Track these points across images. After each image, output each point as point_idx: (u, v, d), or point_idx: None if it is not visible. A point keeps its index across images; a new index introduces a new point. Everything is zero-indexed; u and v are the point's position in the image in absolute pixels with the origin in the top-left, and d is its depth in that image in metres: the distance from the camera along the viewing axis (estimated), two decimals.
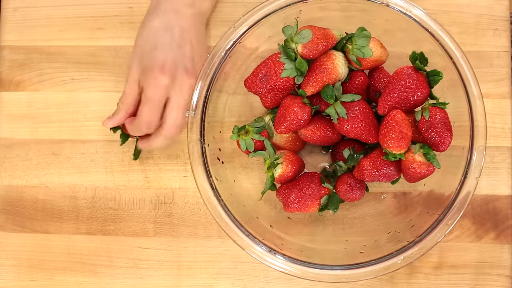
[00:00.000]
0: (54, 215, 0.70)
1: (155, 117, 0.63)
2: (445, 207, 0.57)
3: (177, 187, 0.70)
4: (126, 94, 0.64)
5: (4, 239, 0.71)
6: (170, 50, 0.62)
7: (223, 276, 0.69)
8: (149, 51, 0.63)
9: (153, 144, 0.65)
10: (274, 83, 0.59)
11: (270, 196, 0.65)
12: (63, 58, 0.72)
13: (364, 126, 0.59)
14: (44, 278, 0.70)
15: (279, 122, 0.60)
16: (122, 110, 0.65)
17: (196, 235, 0.69)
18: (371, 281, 0.68)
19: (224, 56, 0.59)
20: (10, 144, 0.72)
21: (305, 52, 0.58)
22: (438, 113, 0.56)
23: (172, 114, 0.62)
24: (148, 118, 0.63)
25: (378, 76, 0.62)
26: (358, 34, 0.58)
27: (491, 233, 0.68)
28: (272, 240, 0.59)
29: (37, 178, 0.71)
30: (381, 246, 0.60)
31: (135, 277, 0.69)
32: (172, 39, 0.63)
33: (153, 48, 0.63)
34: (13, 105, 0.72)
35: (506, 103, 0.69)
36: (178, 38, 0.63)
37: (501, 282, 0.68)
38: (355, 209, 0.67)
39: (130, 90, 0.64)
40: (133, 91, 0.64)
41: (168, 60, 0.62)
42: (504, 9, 0.71)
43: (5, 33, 0.73)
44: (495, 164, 0.69)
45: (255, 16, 0.59)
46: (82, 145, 0.71)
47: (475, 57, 0.69)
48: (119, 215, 0.70)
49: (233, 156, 0.66)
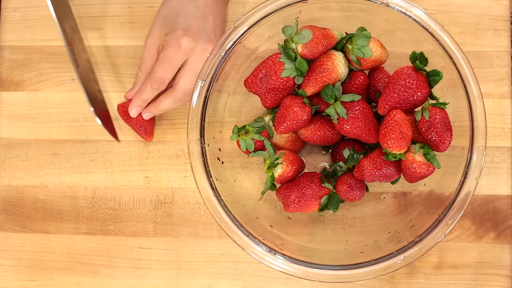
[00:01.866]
0: (54, 215, 0.70)
1: (169, 75, 0.64)
2: (445, 207, 0.57)
3: (177, 187, 0.70)
4: (145, 61, 0.66)
5: (4, 239, 0.71)
6: (194, 18, 0.63)
7: (223, 276, 0.69)
8: (172, 17, 0.64)
9: (161, 105, 0.66)
10: (274, 83, 0.59)
11: (270, 196, 0.65)
12: (63, 58, 0.72)
13: (364, 126, 0.59)
14: (44, 278, 0.70)
15: (279, 122, 0.60)
16: (142, 78, 0.66)
17: (196, 235, 0.69)
18: (371, 281, 0.68)
19: (224, 56, 0.59)
20: (10, 144, 0.72)
21: (305, 52, 0.58)
22: (438, 113, 0.56)
23: (186, 77, 0.63)
24: (163, 75, 0.63)
25: (378, 76, 0.62)
26: (358, 34, 0.58)
27: (491, 233, 0.68)
28: (272, 240, 0.59)
29: (37, 178, 0.71)
30: (381, 246, 0.60)
31: (135, 277, 0.69)
32: (196, 9, 0.64)
33: (177, 15, 0.64)
34: (13, 105, 0.72)
35: (506, 103, 0.69)
36: (202, 9, 0.64)
37: (501, 282, 0.68)
38: (355, 209, 0.67)
39: (149, 55, 0.65)
40: (152, 57, 0.65)
41: (192, 26, 0.63)
42: (504, 9, 0.71)
43: (5, 33, 0.73)
44: (495, 164, 0.69)
45: (255, 16, 0.59)
46: (82, 145, 0.71)
47: (475, 57, 0.69)
48: (119, 215, 0.70)
49: (233, 156, 0.66)
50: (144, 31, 0.72)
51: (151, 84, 0.64)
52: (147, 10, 0.72)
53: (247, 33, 0.59)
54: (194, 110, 0.59)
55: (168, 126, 0.71)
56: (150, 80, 0.64)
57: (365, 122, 0.59)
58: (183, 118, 0.71)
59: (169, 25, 0.64)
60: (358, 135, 0.59)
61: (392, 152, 0.56)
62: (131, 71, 0.71)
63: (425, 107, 0.57)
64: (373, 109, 0.61)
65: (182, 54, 0.63)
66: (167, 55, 0.63)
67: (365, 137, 0.60)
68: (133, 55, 0.72)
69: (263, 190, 0.63)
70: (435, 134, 0.56)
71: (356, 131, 0.59)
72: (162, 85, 0.64)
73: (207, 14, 0.65)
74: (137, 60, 0.72)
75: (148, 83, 0.64)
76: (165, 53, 0.63)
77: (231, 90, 0.65)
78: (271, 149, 0.61)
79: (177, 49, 0.62)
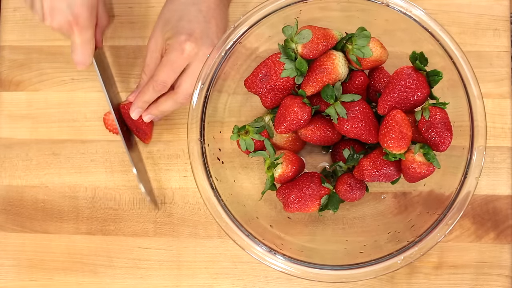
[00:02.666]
0: (54, 215, 0.70)
1: (171, 79, 0.64)
2: (445, 207, 0.57)
3: (177, 187, 0.70)
4: (148, 64, 0.66)
5: (4, 239, 0.71)
6: (197, 22, 0.64)
7: (223, 276, 0.69)
8: (175, 21, 0.64)
9: (161, 106, 0.66)
10: (274, 83, 0.59)
11: (270, 196, 0.65)
12: (63, 58, 0.72)
13: (364, 126, 0.59)
14: (44, 278, 0.70)
15: (279, 122, 0.60)
16: (146, 80, 0.66)
17: (196, 235, 0.69)
18: (371, 281, 0.68)
19: (224, 56, 0.59)
20: (10, 144, 0.72)
21: (305, 52, 0.58)
22: (438, 113, 0.56)
23: (188, 80, 0.64)
24: (165, 78, 0.64)
25: (378, 76, 0.62)
26: (358, 34, 0.58)
27: (491, 233, 0.68)
28: (272, 240, 0.59)
29: (37, 178, 0.71)
30: (381, 246, 0.60)
31: (135, 277, 0.69)
32: (199, 13, 0.64)
33: (180, 19, 0.64)
34: (13, 105, 0.72)
35: (506, 103, 0.69)
36: (205, 13, 0.64)
37: (501, 282, 0.68)
38: (355, 209, 0.67)
39: (152, 59, 0.66)
40: (155, 61, 0.65)
41: (196, 30, 0.63)
42: (504, 9, 0.70)
43: (5, 33, 0.73)
44: (495, 164, 0.69)
45: (255, 16, 0.59)
46: (82, 145, 0.71)
47: (475, 57, 0.69)
48: (119, 215, 0.70)
49: (233, 156, 0.66)
50: (144, 31, 0.72)
51: (153, 86, 0.64)
52: (147, 10, 0.72)
53: (247, 33, 0.59)
54: (194, 110, 0.59)
55: (168, 126, 0.71)
56: (153, 82, 0.64)
57: (365, 122, 0.59)
58: (183, 118, 0.71)
59: (171, 28, 0.64)
60: (358, 135, 0.59)
61: (392, 152, 0.56)
62: (131, 71, 0.71)
63: (425, 107, 0.57)
64: (373, 109, 0.61)
65: (185, 58, 0.63)
66: (170, 59, 0.63)
67: (365, 137, 0.60)
68: (133, 55, 0.72)
69: (263, 190, 0.63)
70: (435, 134, 0.56)
71: (356, 131, 0.59)
72: (164, 88, 0.64)
73: (210, 18, 0.65)
74: (137, 60, 0.72)
75: (151, 86, 0.64)
76: (168, 57, 0.63)
77: (231, 90, 0.65)
78: (271, 149, 0.61)
79: (180, 54, 0.62)
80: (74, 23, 0.61)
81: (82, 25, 0.61)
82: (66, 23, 0.60)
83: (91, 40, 0.63)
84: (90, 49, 0.64)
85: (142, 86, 0.67)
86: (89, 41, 0.63)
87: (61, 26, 0.61)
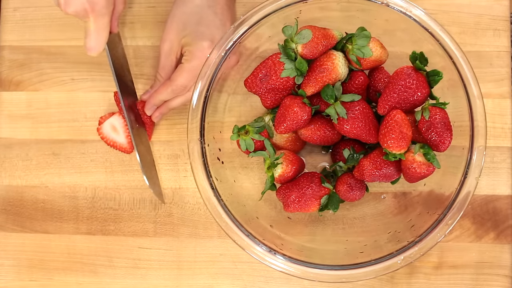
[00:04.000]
0: (54, 215, 0.70)
1: (191, 83, 0.65)
2: (445, 207, 0.57)
3: (177, 187, 0.70)
4: (163, 67, 0.67)
5: (4, 239, 0.71)
6: (215, 27, 0.64)
7: (223, 276, 0.69)
8: (194, 25, 0.64)
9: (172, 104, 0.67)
10: (274, 83, 0.59)
11: (270, 196, 0.65)
12: (63, 58, 0.72)
13: (364, 126, 0.59)
14: (44, 278, 0.70)
15: (279, 122, 0.60)
16: (161, 82, 0.67)
17: (196, 235, 0.69)
18: (371, 281, 0.68)
19: (224, 56, 0.59)
20: (10, 144, 0.72)
21: (305, 52, 0.58)
22: (438, 113, 0.56)
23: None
24: (186, 83, 0.65)
25: (378, 76, 0.62)
26: (358, 34, 0.58)
27: (491, 233, 0.68)
28: (272, 240, 0.59)
29: (37, 178, 0.71)
30: (381, 246, 0.60)
31: (135, 277, 0.69)
32: (215, 16, 0.64)
33: (198, 23, 0.64)
34: (13, 105, 0.72)
35: (506, 103, 0.69)
36: (220, 16, 0.65)
37: (501, 282, 0.68)
38: (355, 209, 0.67)
39: (167, 61, 0.66)
40: (171, 63, 0.66)
41: (216, 36, 0.64)
42: (504, 9, 0.71)
43: (5, 33, 0.73)
44: (495, 164, 0.69)
45: (255, 16, 0.59)
46: (82, 145, 0.71)
47: (475, 57, 0.69)
48: (119, 215, 0.70)
49: (233, 156, 0.66)
50: (144, 31, 0.72)
51: (172, 89, 0.65)
52: (147, 10, 0.72)
53: (247, 33, 0.59)
54: (194, 110, 0.59)
55: (168, 126, 0.71)
56: (172, 85, 0.65)
57: (365, 122, 0.59)
58: (183, 118, 0.71)
59: (190, 33, 0.64)
60: (358, 135, 0.59)
61: (392, 152, 0.56)
62: (131, 71, 0.71)
63: (425, 107, 0.57)
64: (373, 109, 0.61)
65: None
66: (193, 66, 0.63)
67: (365, 137, 0.60)
68: (133, 55, 0.72)
69: (263, 190, 0.63)
70: (435, 134, 0.56)
71: (356, 131, 0.59)
72: (184, 91, 0.66)
73: (225, 20, 0.65)
74: (137, 60, 0.72)
75: (169, 88, 0.65)
76: (191, 64, 0.64)
77: (231, 90, 0.65)
78: (271, 149, 0.61)
79: (202, 61, 0.62)
80: (91, 10, 0.59)
81: (98, 12, 0.60)
82: (82, 10, 0.59)
83: (106, 28, 0.62)
84: (104, 36, 0.62)
85: (157, 85, 0.68)
86: (104, 28, 0.62)
87: (78, 12, 0.59)
